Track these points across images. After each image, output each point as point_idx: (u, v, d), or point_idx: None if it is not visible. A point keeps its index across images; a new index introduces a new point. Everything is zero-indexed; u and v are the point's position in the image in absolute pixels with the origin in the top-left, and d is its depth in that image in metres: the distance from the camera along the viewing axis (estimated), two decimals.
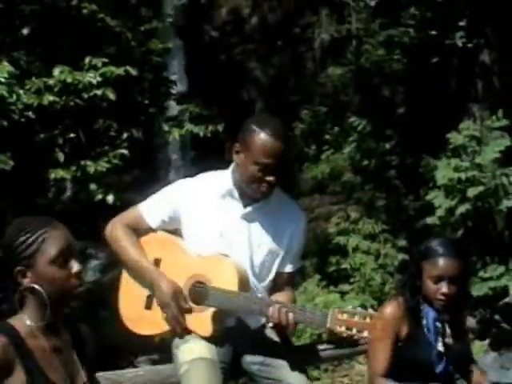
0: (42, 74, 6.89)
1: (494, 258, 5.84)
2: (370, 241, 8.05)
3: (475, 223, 5.88)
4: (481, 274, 5.73)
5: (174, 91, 8.96)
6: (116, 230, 3.03)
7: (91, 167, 6.90)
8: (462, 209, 5.70)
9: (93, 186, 6.97)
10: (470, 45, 6.64)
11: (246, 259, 2.96)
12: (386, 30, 10.33)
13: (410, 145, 8.32)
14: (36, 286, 2.10)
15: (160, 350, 3.37)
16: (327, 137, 10.79)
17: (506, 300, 4.70)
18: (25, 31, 7.10)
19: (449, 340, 2.96)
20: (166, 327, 2.97)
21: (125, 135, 7.48)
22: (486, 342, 4.89)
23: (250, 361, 2.99)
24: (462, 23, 6.66)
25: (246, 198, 2.97)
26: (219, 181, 3.00)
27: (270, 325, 2.91)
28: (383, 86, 11.42)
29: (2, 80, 6.25)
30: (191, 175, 3.14)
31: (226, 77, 14.32)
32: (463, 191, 5.72)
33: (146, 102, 7.88)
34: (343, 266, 8.01)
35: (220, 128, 8.40)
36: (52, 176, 6.80)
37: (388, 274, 7.79)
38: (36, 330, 2.14)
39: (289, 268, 3.07)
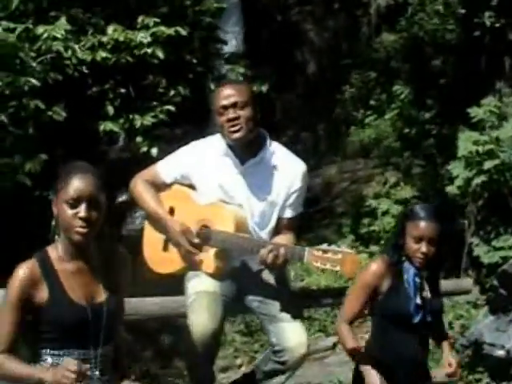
0: (97, 31, 7.26)
1: (507, 229, 6.15)
2: (402, 206, 8.34)
3: (491, 195, 6.19)
4: (494, 243, 6.06)
5: (224, 51, 9.25)
6: (137, 184, 3.54)
7: (138, 121, 7.32)
8: (477, 180, 6.02)
9: (139, 139, 7.38)
10: (497, 24, 6.82)
11: (246, 210, 3.40)
12: None
13: (449, 115, 8.54)
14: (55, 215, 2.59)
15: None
16: (372, 102, 10.99)
17: (504, 267, 5.00)
18: None
19: (426, 294, 3.35)
20: (179, 265, 3.44)
21: (172, 92, 7.82)
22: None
23: (251, 299, 3.48)
24: (492, 3, 6.83)
25: (241, 155, 3.39)
26: (217, 143, 3.45)
27: (259, 262, 3.32)
28: (433, 56, 11.54)
29: (59, 36, 6.67)
30: None
31: (281, 37, 14.56)
32: (480, 163, 6.03)
33: (195, 61, 8.16)
34: (372, 229, 8.34)
35: (264, 88, 8.67)
36: (101, 128, 7.23)
37: None
38: (64, 254, 2.61)
39: (288, 214, 3.51)
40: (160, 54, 7.33)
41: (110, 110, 7.33)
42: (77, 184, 2.56)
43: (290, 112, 14.38)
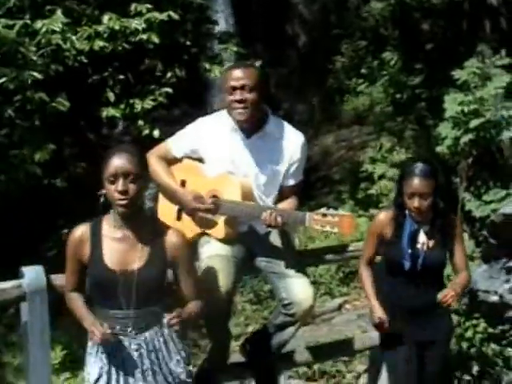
0: (93, 21, 7.49)
1: (496, 183, 6.46)
2: (397, 169, 8.61)
3: (480, 152, 6.50)
4: (484, 197, 6.38)
5: (216, 31, 9.46)
6: (150, 160, 3.80)
7: (138, 105, 7.58)
8: (465, 138, 6.32)
9: (140, 122, 7.65)
10: None
11: (252, 180, 3.71)
12: None
13: (437, 78, 8.80)
14: (103, 193, 2.97)
15: None
16: (363, 71, 11.20)
17: (493, 218, 5.30)
18: None
19: (422, 247, 3.68)
20: (192, 233, 3.75)
21: (169, 74, 8.05)
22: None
23: (260, 259, 3.79)
24: None
25: (247, 130, 3.70)
26: (224, 119, 3.75)
27: (265, 227, 3.62)
28: (421, 21, 11.71)
29: (57, 29, 6.92)
30: None
31: (271, 12, 14.72)
32: (467, 122, 6.33)
33: (188, 43, 8.37)
34: (370, 192, 8.64)
35: (257, 65, 8.89)
36: (104, 114, 7.51)
37: None
38: (114, 223, 3.00)
39: (291, 182, 3.83)
40: (155, 39, 7.55)
41: (111, 96, 7.59)
42: (113, 162, 2.92)
43: (284, 85, 14.60)
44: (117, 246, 2.99)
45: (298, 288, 3.66)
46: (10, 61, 6.73)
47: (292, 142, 3.80)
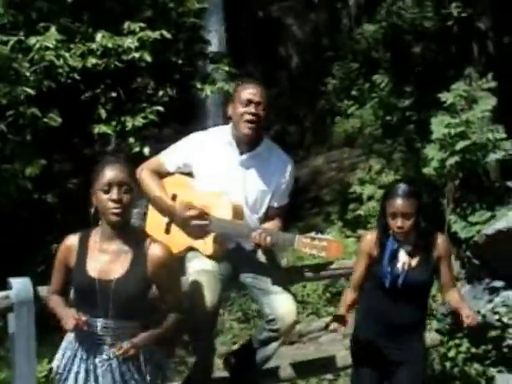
0: (86, 39, 7.58)
1: (482, 205, 6.55)
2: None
3: (466, 174, 6.58)
4: (470, 218, 6.46)
5: (208, 50, 9.54)
6: (142, 173, 3.89)
7: (129, 122, 7.65)
8: (451, 161, 6.41)
9: (131, 140, 7.71)
10: (464, 14, 7.23)
11: (241, 196, 3.79)
12: None
13: (426, 101, 8.90)
14: (97, 205, 3.05)
15: None
16: (354, 93, 11.31)
17: (475, 239, 5.38)
18: None
19: (403, 266, 3.73)
20: (181, 247, 3.80)
21: (160, 93, 8.13)
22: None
23: (246, 275, 3.86)
24: None
25: (242, 147, 3.77)
26: (221, 133, 3.83)
27: (253, 245, 3.69)
28: (413, 44, 11.83)
29: (50, 46, 7.00)
30: None
31: (264, 33, 14.86)
32: (453, 145, 6.43)
33: (180, 61, 8.45)
34: (359, 213, 8.70)
35: None
36: (95, 131, 7.57)
37: None
38: (102, 235, 3.09)
39: (276, 203, 3.90)
40: (148, 58, 7.64)
41: (103, 113, 7.66)
42: (108, 173, 3.01)
43: (275, 106, 14.70)
44: (100, 257, 3.07)
45: (281, 304, 3.71)
46: (3, 76, 6.81)
47: (281, 165, 3.89)
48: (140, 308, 3.07)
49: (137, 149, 7.70)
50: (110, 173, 3.01)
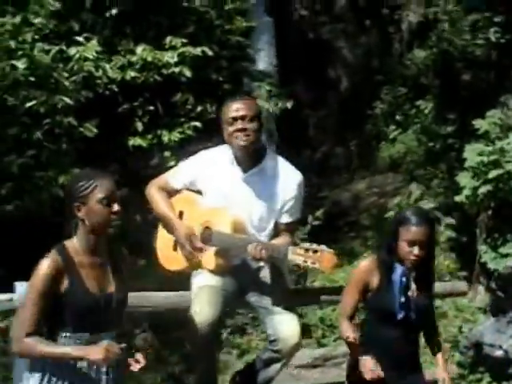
0: (127, 52, 7.68)
1: None
2: None
3: (500, 204, 6.43)
4: (501, 249, 6.28)
5: (257, 68, 9.56)
6: (151, 190, 3.92)
7: (165, 136, 7.69)
8: (483, 189, 6.27)
9: (166, 153, 7.74)
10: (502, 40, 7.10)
11: (246, 215, 3.74)
12: (471, 15, 10.58)
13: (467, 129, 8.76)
14: (85, 218, 2.94)
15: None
16: (397, 117, 11.22)
17: (501, 271, 5.23)
18: (113, 11, 7.78)
19: (413, 294, 3.62)
20: (187, 264, 3.78)
21: (199, 109, 8.15)
22: None
23: (250, 294, 3.82)
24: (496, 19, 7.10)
25: (243, 165, 3.73)
26: (223, 153, 3.79)
27: (250, 258, 3.65)
28: (463, 71, 11.68)
29: (90, 57, 7.10)
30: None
31: (314, 54, 14.85)
32: (486, 173, 6.29)
33: (221, 79, 8.48)
34: None
35: (289, 105, 8.98)
36: (131, 143, 7.63)
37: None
38: (82, 250, 3.00)
39: (285, 219, 3.84)
40: (187, 73, 7.70)
41: (139, 126, 7.73)
42: (106, 185, 2.96)
43: (322, 128, 14.66)
44: (91, 272, 2.99)
45: (284, 325, 3.65)
46: (43, 85, 6.90)
47: (288, 179, 3.83)
48: (121, 319, 3.08)
49: (172, 163, 7.71)
50: (108, 185, 2.98)
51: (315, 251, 3.41)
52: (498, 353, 4.99)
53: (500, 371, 5.01)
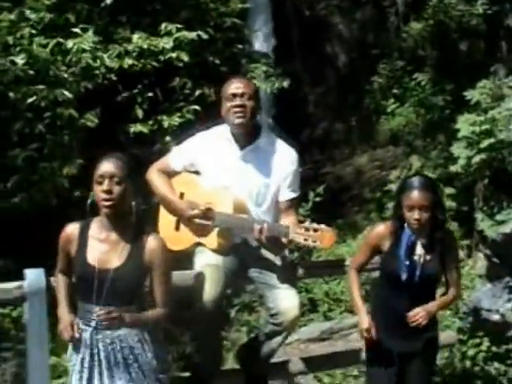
0: (123, 40, 7.75)
1: (510, 204, 6.50)
2: None
3: (495, 172, 6.54)
4: (497, 217, 6.40)
5: (254, 49, 9.60)
6: (151, 173, 4.07)
7: (166, 121, 7.80)
8: (477, 158, 6.39)
9: (167, 138, 7.85)
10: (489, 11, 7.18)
11: (244, 190, 3.91)
12: None
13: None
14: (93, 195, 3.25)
15: None
16: (395, 91, 11.28)
17: (494, 237, 5.36)
18: (108, 1, 7.79)
19: (419, 258, 3.78)
20: (189, 243, 3.93)
21: (197, 92, 8.24)
22: None
23: (252, 270, 3.99)
24: None
25: (241, 142, 3.89)
26: (220, 132, 3.95)
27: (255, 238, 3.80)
28: (459, 41, 11.71)
29: (87, 48, 7.20)
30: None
31: (310, 32, 14.89)
32: (479, 142, 6.40)
33: (218, 61, 8.54)
34: None
35: (285, 84, 9.05)
36: (132, 130, 7.74)
37: None
38: (101, 224, 3.26)
39: (286, 196, 4.00)
40: (185, 58, 7.77)
41: (140, 113, 7.81)
42: (101, 166, 3.19)
43: (322, 105, 14.73)
44: (99, 246, 3.23)
45: (284, 298, 3.81)
46: (42, 79, 7.01)
47: (284, 156, 3.98)
48: (137, 294, 3.24)
49: (173, 147, 7.82)
50: (103, 166, 3.19)
51: (315, 230, 3.57)
52: (496, 317, 5.14)
53: (498, 335, 5.16)
